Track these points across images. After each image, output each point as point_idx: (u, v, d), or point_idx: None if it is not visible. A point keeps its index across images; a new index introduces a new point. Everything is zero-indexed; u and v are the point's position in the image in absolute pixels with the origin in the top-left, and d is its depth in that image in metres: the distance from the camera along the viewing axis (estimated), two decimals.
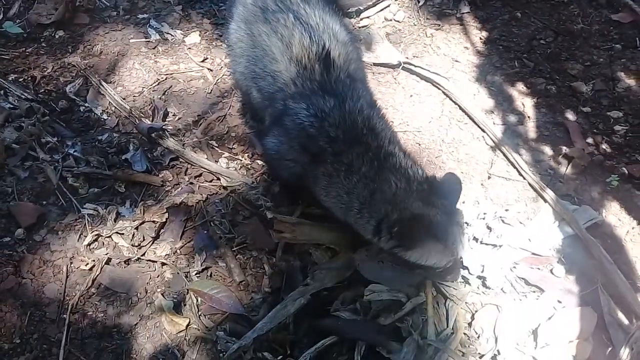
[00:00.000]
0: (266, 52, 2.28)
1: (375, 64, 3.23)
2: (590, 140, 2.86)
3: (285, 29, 2.25)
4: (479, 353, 2.11)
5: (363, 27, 3.44)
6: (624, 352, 2.08)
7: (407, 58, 3.23)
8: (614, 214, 2.56)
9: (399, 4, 3.57)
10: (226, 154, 2.74)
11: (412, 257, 2.03)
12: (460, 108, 3.02)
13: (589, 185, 2.68)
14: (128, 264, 2.35)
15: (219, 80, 3.06)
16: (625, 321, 2.20)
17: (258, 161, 2.69)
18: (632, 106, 3.02)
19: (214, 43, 3.29)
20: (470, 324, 2.19)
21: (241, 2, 2.46)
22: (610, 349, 2.14)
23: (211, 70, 3.12)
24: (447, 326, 2.14)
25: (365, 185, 2.03)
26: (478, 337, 2.16)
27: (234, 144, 2.79)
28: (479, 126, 2.93)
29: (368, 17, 3.50)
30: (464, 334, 2.14)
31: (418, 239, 1.96)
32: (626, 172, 2.70)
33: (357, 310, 2.17)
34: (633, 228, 2.51)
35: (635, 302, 2.23)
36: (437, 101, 3.07)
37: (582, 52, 3.30)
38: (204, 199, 2.53)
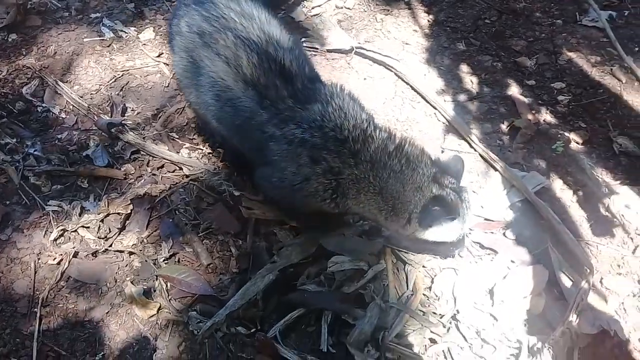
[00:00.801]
0: (214, 79, 2.20)
1: (329, 50, 3.32)
2: (535, 111, 3.01)
3: (228, 50, 2.16)
4: (439, 313, 2.22)
5: (315, 15, 3.52)
6: (574, 304, 2.22)
7: (359, 43, 3.33)
8: (561, 178, 2.70)
9: None
10: (187, 145, 2.80)
11: (430, 236, 2.09)
12: (413, 88, 3.13)
13: (536, 153, 2.82)
14: (96, 256, 2.38)
15: (175, 74, 3.10)
16: (575, 275, 2.33)
17: (219, 149, 2.75)
18: (573, 77, 3.18)
19: (168, 38, 3.32)
20: (430, 288, 2.30)
21: (177, 31, 2.37)
22: (561, 301, 2.27)
23: (167, 65, 3.16)
24: (407, 289, 2.25)
25: (397, 179, 2.03)
26: (438, 298, 2.27)
27: (194, 135, 2.84)
28: (430, 104, 3.05)
29: (319, 6, 3.59)
30: (424, 294, 2.25)
31: (437, 219, 2.02)
32: (570, 138, 2.86)
33: (322, 282, 2.26)
34: (578, 190, 2.66)
35: (583, 257, 2.37)
36: (390, 83, 3.18)
37: (525, 29, 3.46)
38: (167, 189, 2.58)
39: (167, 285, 2.29)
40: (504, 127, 2.94)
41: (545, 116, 2.99)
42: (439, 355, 2.11)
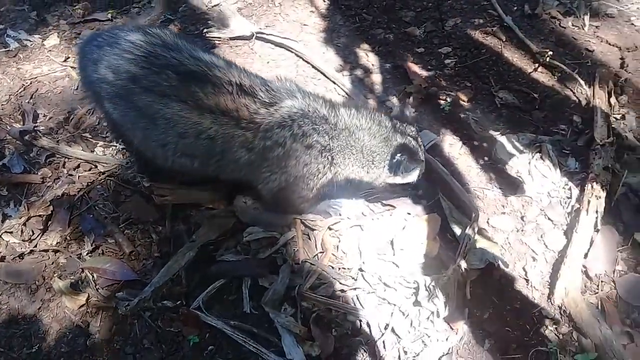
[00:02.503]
0: (174, 119, 2.21)
1: (231, 38, 3.48)
2: (425, 76, 3.27)
3: (177, 90, 2.17)
4: (347, 268, 2.46)
5: (215, 5, 3.66)
6: (464, 244, 2.49)
7: (260, 28, 3.51)
8: (449, 134, 2.98)
9: None
10: (101, 143, 2.92)
11: (399, 180, 2.49)
12: (313, 67, 3.34)
13: (427, 114, 3.09)
14: (22, 258, 2.50)
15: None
16: (464, 219, 2.61)
17: (124, 145, 2.87)
18: (459, 41, 3.47)
19: (73, 42, 3.40)
20: (337, 247, 2.53)
21: (100, 81, 2.29)
22: (454, 243, 2.54)
23: (74, 68, 3.24)
24: (317, 250, 2.47)
25: (370, 135, 2.39)
26: (346, 254, 2.51)
27: (106, 133, 2.96)
28: (330, 80, 3.27)
29: None
30: (333, 254, 2.48)
31: (404, 165, 2.41)
32: (457, 97, 3.14)
33: (239, 252, 2.46)
34: (464, 143, 2.95)
35: (469, 203, 2.65)
36: (292, 63, 3.37)
37: (414, 0, 3.71)
38: (85, 187, 2.71)
39: (93, 276, 2.43)
40: (398, 93, 3.19)
41: (435, 80, 3.25)
42: (348, 301, 2.34)
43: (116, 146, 2.89)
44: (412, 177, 2.49)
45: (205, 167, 2.38)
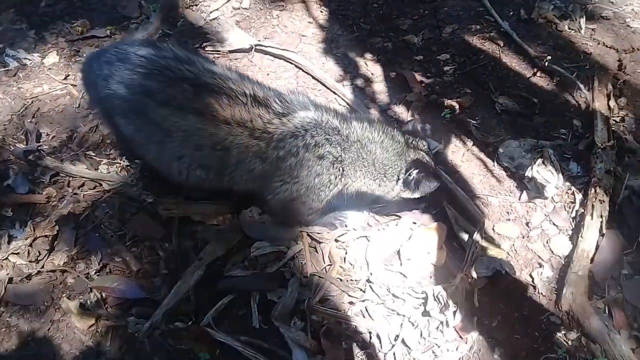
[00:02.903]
0: (190, 131, 2.25)
1: (230, 51, 3.49)
2: (425, 83, 3.29)
3: (193, 102, 2.21)
4: (355, 279, 2.47)
5: (213, 19, 3.68)
6: (470, 252, 2.51)
7: (258, 41, 3.52)
8: (451, 142, 3.00)
9: None
10: (105, 160, 2.92)
11: (413, 195, 2.55)
12: (313, 77, 3.35)
13: (429, 121, 3.09)
14: (30, 279, 2.50)
15: (84, 94, 3.20)
16: (470, 227, 2.63)
17: (136, 160, 2.89)
18: (457, 47, 3.48)
19: (73, 59, 3.41)
20: (344, 258, 2.54)
21: (113, 97, 2.32)
22: (460, 252, 2.56)
23: (75, 86, 3.25)
24: (325, 263, 2.48)
25: (383, 148, 2.41)
26: (353, 266, 2.52)
27: (110, 150, 2.97)
28: (331, 90, 3.28)
29: (217, 9, 3.74)
30: (340, 266, 2.49)
31: (418, 180, 2.46)
32: (457, 105, 3.15)
33: (247, 267, 2.47)
34: (467, 150, 2.96)
35: (474, 210, 2.67)
36: (292, 75, 3.39)
37: (410, 8, 3.74)
38: (90, 205, 2.71)
39: (102, 295, 2.44)
40: (398, 102, 3.20)
41: (434, 87, 3.27)
42: (357, 314, 2.35)
43: (120, 163, 2.90)
44: (427, 191, 2.55)
45: (220, 179, 2.41)
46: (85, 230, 2.65)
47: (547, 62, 3.23)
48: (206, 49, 3.48)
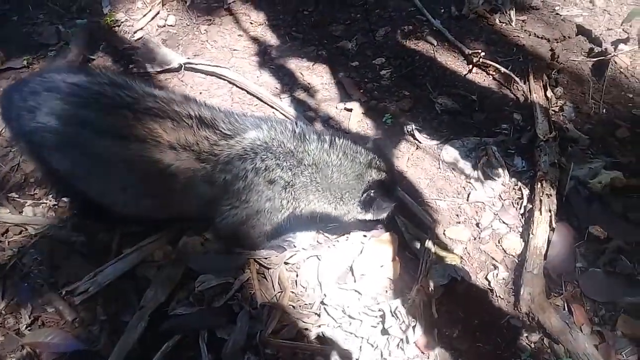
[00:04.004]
0: (133, 161, 2.11)
1: (159, 72, 3.32)
2: (363, 89, 3.20)
3: (134, 129, 2.07)
4: (309, 303, 2.35)
5: (138, 39, 3.49)
6: (423, 262, 2.43)
7: (188, 58, 3.36)
8: (395, 147, 2.92)
9: (167, 9, 3.67)
10: (29, 202, 2.71)
11: (371, 216, 2.40)
12: (248, 92, 3.22)
13: (370, 128, 3.02)
14: None
15: (2, 131, 2.97)
16: (421, 234, 2.55)
17: (64, 199, 2.69)
18: (391, 50, 3.42)
19: None
20: (296, 282, 2.42)
21: (42, 130, 2.13)
22: (415, 261, 2.48)
23: None
24: (275, 290, 2.35)
25: (340, 172, 2.26)
26: (305, 289, 2.40)
27: (35, 190, 2.76)
28: (268, 104, 3.15)
29: (141, 29, 3.56)
30: (292, 292, 2.36)
31: (376, 202, 2.31)
32: (397, 108, 3.08)
33: (192, 303, 2.31)
34: (412, 154, 2.89)
35: (423, 217, 2.60)
36: (226, 91, 3.24)
37: (342, 13, 3.65)
38: (16, 253, 2.50)
39: (35, 352, 2.24)
40: (337, 111, 3.11)
41: (373, 92, 3.19)
42: (313, 341, 2.23)
43: (47, 203, 2.69)
44: (385, 213, 2.42)
45: (169, 207, 2.30)
46: (12, 280, 2.44)
47: (480, 59, 3.19)
48: (133, 71, 3.29)
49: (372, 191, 2.28)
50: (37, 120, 2.13)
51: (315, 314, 2.31)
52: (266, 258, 2.44)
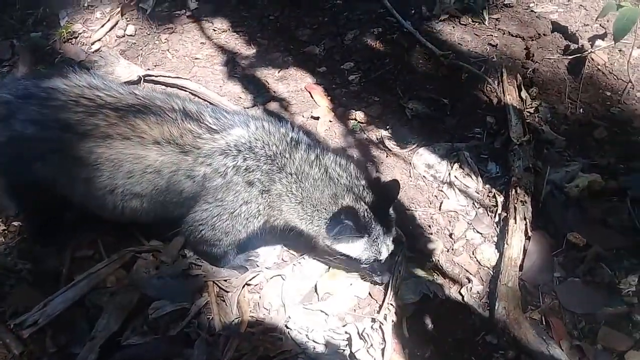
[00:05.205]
0: (119, 159, 2.06)
1: None
2: (331, 96, 3.07)
3: (118, 127, 2.04)
4: (272, 326, 2.21)
5: (95, 51, 3.35)
6: (393, 274, 2.30)
7: (148, 70, 3.22)
8: (363, 155, 2.79)
9: (127, 18, 3.53)
10: None
11: (340, 248, 2.13)
12: (210, 103, 3.06)
13: (338, 136, 2.89)
14: None
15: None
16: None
17: (14, 223, 2.54)
18: (360, 54, 3.29)
19: None
20: (259, 304, 2.28)
21: (16, 137, 2.08)
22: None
23: None
24: (234, 315, 2.21)
25: (316, 187, 2.08)
26: (269, 311, 2.26)
27: None
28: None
29: (99, 40, 3.43)
30: (252, 316, 2.22)
31: (343, 231, 2.05)
32: (366, 114, 2.95)
33: (147, 332, 2.17)
34: (382, 162, 2.76)
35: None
36: None
37: (309, 17, 3.52)
38: None
39: None
40: (304, 119, 2.98)
41: (341, 99, 3.06)
42: None
43: None
44: (356, 249, 2.13)
45: (154, 207, 2.21)
46: None
47: (451, 59, 3.07)
48: None
49: (343, 217, 2.04)
50: (13, 129, 2.06)
51: (278, 338, 2.16)
52: (226, 280, 2.31)
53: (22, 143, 2.10)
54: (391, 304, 2.21)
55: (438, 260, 2.40)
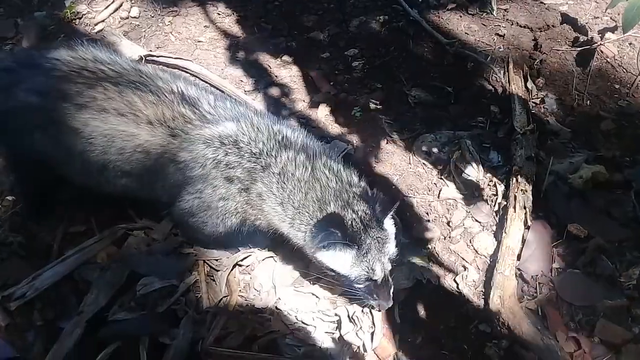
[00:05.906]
0: (112, 135, 2.02)
1: None
2: (333, 82, 3.03)
3: (115, 102, 2.00)
4: (261, 307, 2.16)
5: (99, 32, 3.33)
6: None
7: (150, 51, 3.19)
8: (362, 141, 2.74)
9: (131, 0, 3.51)
10: None
11: (324, 258, 1.96)
12: (212, 85, 3.04)
13: (339, 122, 2.84)
14: None
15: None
16: None
17: (8, 197, 2.52)
18: (365, 41, 3.25)
19: None
20: (249, 284, 2.24)
21: (19, 106, 2.07)
22: None
23: None
24: (222, 293, 2.17)
25: (300, 189, 1.95)
26: (259, 292, 2.22)
27: None
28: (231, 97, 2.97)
29: (103, 21, 3.40)
30: (241, 295, 2.18)
31: (328, 240, 1.88)
32: (368, 101, 2.91)
33: (134, 308, 2.13)
34: (382, 149, 2.71)
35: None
36: None
37: (314, 3, 3.48)
38: None
39: None
40: (305, 104, 2.94)
41: (343, 85, 3.02)
42: (263, 348, 2.05)
43: None
44: (343, 263, 1.94)
45: (141, 188, 2.18)
46: None
47: (455, 49, 3.01)
48: None
49: (328, 224, 1.86)
50: (16, 98, 2.06)
51: (267, 319, 2.12)
52: (217, 259, 2.27)
53: (24, 112, 2.08)
54: None
55: (434, 248, 2.35)
